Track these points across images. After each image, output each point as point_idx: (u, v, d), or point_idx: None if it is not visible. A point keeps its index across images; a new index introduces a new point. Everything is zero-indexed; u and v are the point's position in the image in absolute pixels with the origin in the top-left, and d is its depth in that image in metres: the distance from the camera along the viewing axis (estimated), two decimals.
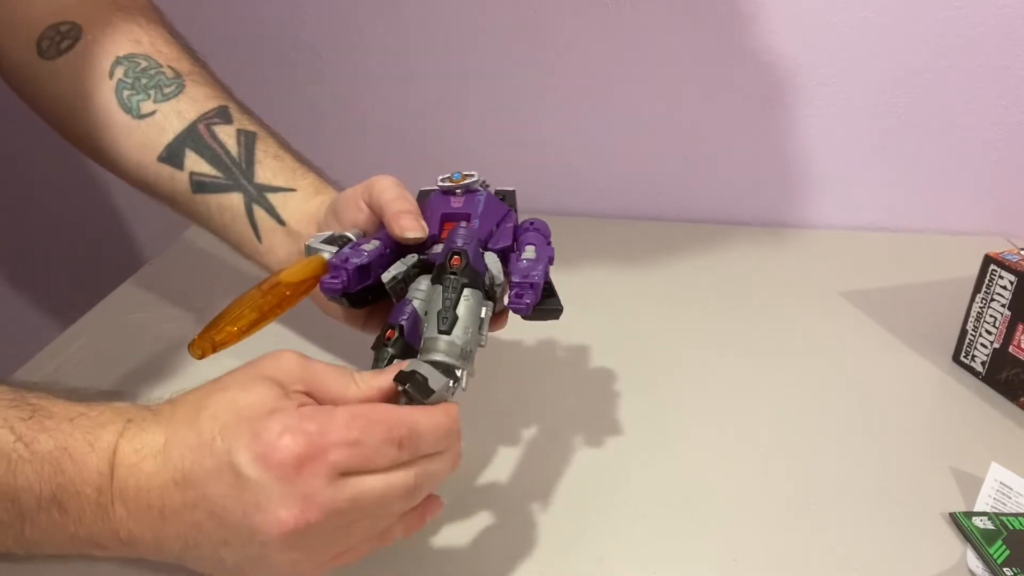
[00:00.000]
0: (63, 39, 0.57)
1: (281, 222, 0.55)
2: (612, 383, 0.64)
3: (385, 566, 0.48)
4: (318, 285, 0.45)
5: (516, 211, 0.52)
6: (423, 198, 0.51)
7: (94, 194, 1.06)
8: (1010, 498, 0.52)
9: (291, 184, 0.56)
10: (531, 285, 0.42)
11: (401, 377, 0.39)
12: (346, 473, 0.35)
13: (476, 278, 0.43)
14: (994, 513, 0.50)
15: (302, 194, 0.56)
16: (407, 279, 0.46)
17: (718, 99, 0.86)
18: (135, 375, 0.66)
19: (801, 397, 0.63)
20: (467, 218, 0.48)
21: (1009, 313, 0.60)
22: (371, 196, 0.49)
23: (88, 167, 1.03)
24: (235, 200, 0.56)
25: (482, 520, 0.51)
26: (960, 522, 0.50)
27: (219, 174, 0.56)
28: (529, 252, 0.46)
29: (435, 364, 0.40)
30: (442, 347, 0.41)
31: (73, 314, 0.74)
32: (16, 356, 0.68)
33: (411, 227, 0.46)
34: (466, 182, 0.49)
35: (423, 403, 0.39)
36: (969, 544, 0.48)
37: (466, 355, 0.42)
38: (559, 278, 0.49)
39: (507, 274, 0.46)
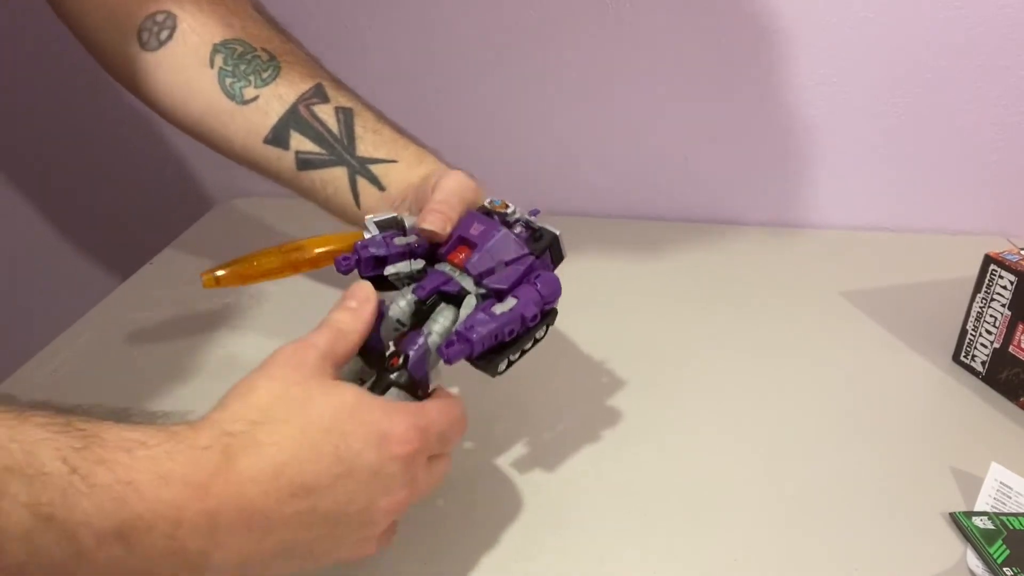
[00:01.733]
0: (161, 29, 0.59)
1: (382, 188, 0.57)
2: (612, 383, 0.64)
3: (384, 566, 0.48)
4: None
5: (555, 255, 0.50)
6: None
7: (98, 187, 1.06)
8: (1010, 498, 0.52)
9: (392, 156, 0.58)
10: (467, 340, 0.43)
11: None
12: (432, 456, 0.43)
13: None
14: (994, 513, 0.50)
15: (404, 164, 0.58)
16: (410, 278, 0.48)
17: (718, 99, 0.86)
18: (135, 375, 0.66)
19: (801, 397, 0.63)
20: (474, 248, 0.47)
21: (1009, 313, 0.60)
22: (434, 188, 0.50)
23: (93, 159, 1.04)
24: (339, 174, 0.58)
25: (481, 519, 0.51)
26: (960, 522, 0.50)
27: (323, 151, 0.58)
28: (504, 305, 0.44)
29: None
30: None
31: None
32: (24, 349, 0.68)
33: (430, 221, 0.47)
34: (500, 211, 0.49)
35: None
36: (969, 544, 0.48)
37: None
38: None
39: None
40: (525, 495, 0.53)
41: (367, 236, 0.48)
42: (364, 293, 0.44)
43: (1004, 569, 0.46)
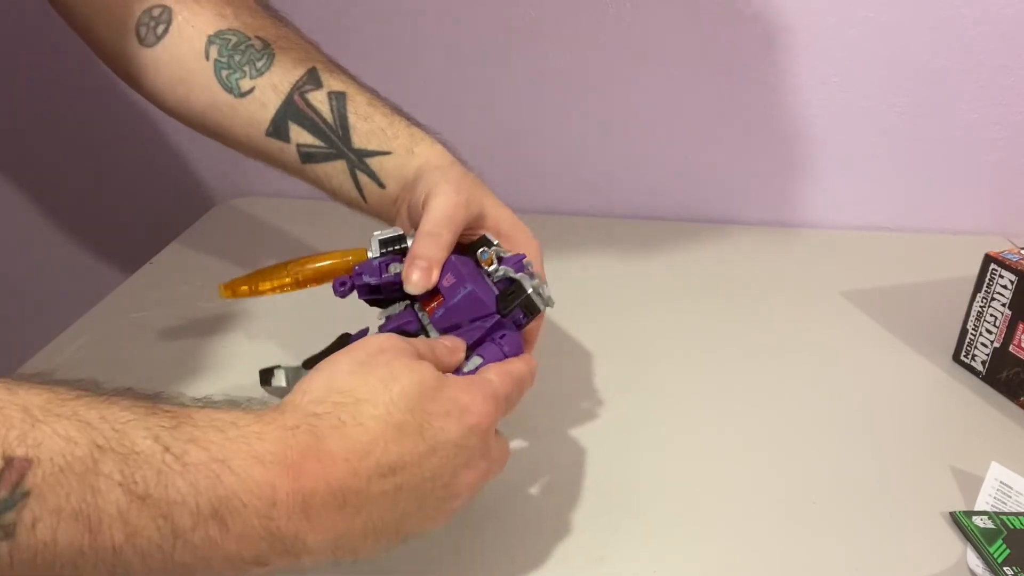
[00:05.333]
0: (157, 24, 0.58)
1: (382, 185, 0.57)
2: (611, 383, 0.64)
3: (382, 568, 0.48)
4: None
5: (530, 309, 0.48)
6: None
7: (98, 186, 1.06)
8: (1010, 497, 0.52)
9: (384, 146, 0.57)
10: None
11: None
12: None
13: None
14: (994, 512, 0.50)
15: (396, 156, 0.57)
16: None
17: (718, 98, 0.86)
18: (135, 375, 0.66)
19: (801, 397, 0.63)
20: (439, 301, 0.47)
21: (1009, 312, 0.60)
22: (424, 207, 0.50)
23: (93, 159, 1.04)
24: (340, 167, 0.57)
25: (481, 520, 0.51)
26: (960, 521, 0.50)
27: (322, 143, 0.58)
28: (471, 364, 0.45)
29: None
30: None
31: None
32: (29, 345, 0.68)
33: (413, 282, 0.46)
34: (485, 265, 0.49)
35: None
36: (969, 543, 0.48)
37: None
38: (557, 278, 0.49)
39: None
40: (523, 495, 0.53)
41: (370, 255, 0.50)
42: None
43: (1004, 569, 0.46)
